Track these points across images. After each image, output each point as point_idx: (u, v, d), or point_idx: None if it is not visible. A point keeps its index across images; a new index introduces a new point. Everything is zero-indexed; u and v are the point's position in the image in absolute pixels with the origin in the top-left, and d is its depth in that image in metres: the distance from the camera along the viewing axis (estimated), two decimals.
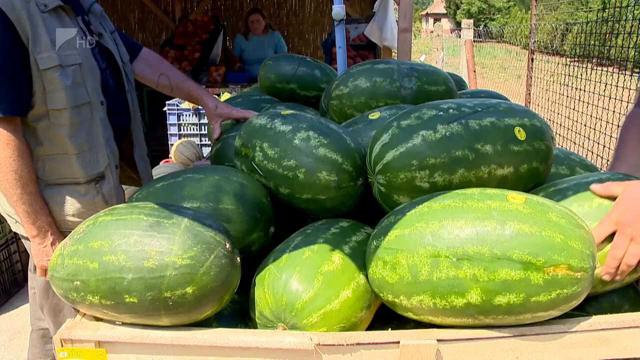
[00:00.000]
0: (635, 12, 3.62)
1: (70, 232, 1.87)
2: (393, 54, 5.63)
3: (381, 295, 1.21)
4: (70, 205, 1.91)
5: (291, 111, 1.68)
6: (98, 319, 1.27)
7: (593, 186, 1.32)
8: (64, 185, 1.90)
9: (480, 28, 10.49)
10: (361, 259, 1.31)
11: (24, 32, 1.72)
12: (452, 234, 1.13)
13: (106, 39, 2.06)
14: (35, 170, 1.84)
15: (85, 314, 1.28)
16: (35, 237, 1.87)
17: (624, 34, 3.87)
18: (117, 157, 2.05)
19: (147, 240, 1.17)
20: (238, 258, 1.26)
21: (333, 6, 2.84)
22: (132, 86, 2.20)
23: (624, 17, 3.85)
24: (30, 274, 2.17)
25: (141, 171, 2.26)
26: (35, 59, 1.74)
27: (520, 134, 1.39)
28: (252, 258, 1.48)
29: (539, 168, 1.42)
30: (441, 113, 1.40)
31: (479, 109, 1.41)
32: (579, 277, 1.09)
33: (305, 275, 1.23)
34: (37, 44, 1.75)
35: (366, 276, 1.28)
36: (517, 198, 1.18)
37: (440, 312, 1.14)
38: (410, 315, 1.20)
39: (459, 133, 1.35)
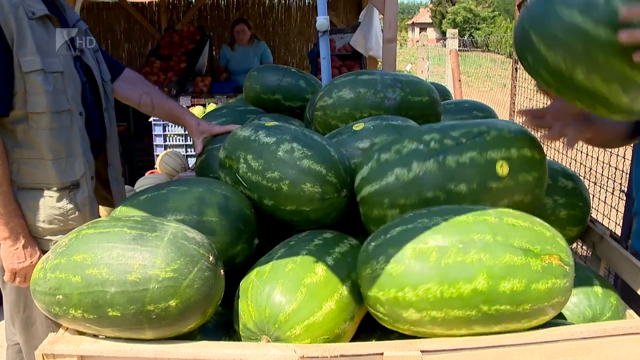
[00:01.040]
0: None
1: (41, 238, 1.93)
2: (379, 63, 5.66)
3: (381, 293, 1.18)
4: (42, 211, 1.90)
5: (275, 123, 1.69)
6: (81, 333, 1.26)
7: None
8: (37, 190, 1.89)
9: (465, 38, 10.57)
10: (344, 270, 1.31)
11: (9, 33, 1.75)
12: (457, 223, 1.19)
13: (87, 55, 2.09)
14: (10, 173, 1.84)
15: (67, 328, 1.27)
16: (6, 239, 1.85)
17: None
18: (93, 168, 2.05)
19: (130, 254, 1.17)
20: (222, 271, 1.26)
21: (317, 17, 2.86)
22: (110, 105, 2.22)
23: None
24: (3, 286, 2.14)
25: (114, 192, 2.26)
26: (19, 61, 1.76)
27: (502, 169, 1.38)
28: (235, 270, 1.48)
29: (524, 200, 1.41)
30: (421, 147, 1.41)
31: (464, 140, 1.41)
32: (567, 270, 1.18)
33: (288, 287, 1.23)
34: (22, 47, 1.77)
35: (350, 287, 1.28)
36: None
37: (446, 302, 1.13)
38: (410, 313, 1.16)
39: (432, 172, 1.38)
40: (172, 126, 5.49)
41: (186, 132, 5.40)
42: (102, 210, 2.37)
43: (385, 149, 1.46)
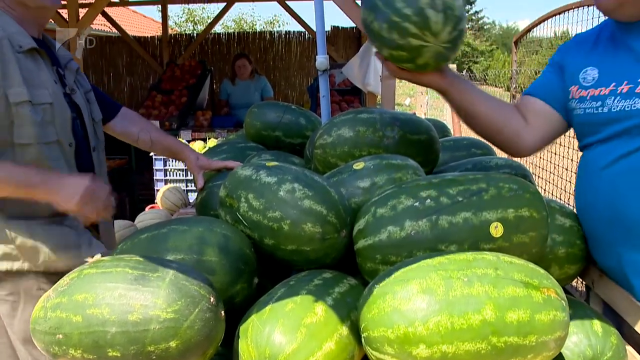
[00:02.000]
0: None
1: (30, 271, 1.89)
2: (378, 98, 5.72)
3: (390, 331, 1.16)
4: (32, 241, 1.87)
5: (276, 163, 1.71)
6: None
7: None
8: (27, 219, 1.87)
9: (464, 72, 10.69)
10: (344, 310, 1.32)
11: None
12: (458, 260, 1.22)
13: (78, 95, 2.09)
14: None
15: None
16: (40, 185, 1.75)
17: None
18: None
19: (131, 294, 1.17)
20: (222, 312, 1.27)
21: (317, 56, 2.90)
22: (100, 146, 2.22)
23: None
24: (6, 322, 2.02)
25: (102, 232, 2.23)
26: (5, 92, 1.77)
27: (497, 231, 1.40)
28: (235, 309, 1.48)
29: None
30: (417, 204, 1.44)
31: (460, 198, 1.43)
32: (564, 304, 1.20)
33: (289, 327, 1.24)
34: (7, 78, 1.78)
35: (350, 327, 1.28)
36: None
37: (457, 334, 1.12)
38: (421, 349, 1.14)
39: (424, 232, 1.40)
40: (172, 161, 5.52)
41: (186, 167, 5.45)
42: None
43: (382, 203, 1.49)
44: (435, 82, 1.79)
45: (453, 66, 9.14)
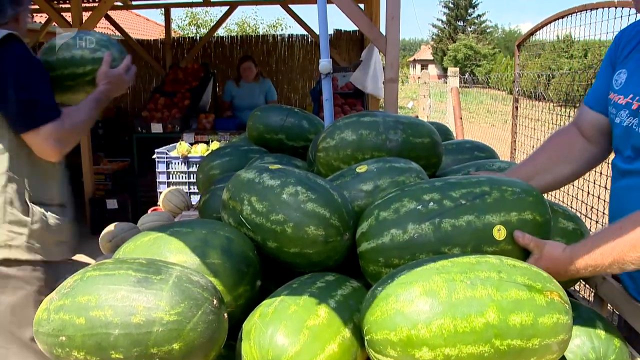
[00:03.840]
0: None
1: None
2: (380, 101, 5.73)
3: (393, 334, 1.16)
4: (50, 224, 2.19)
5: (279, 166, 1.71)
6: None
7: (516, 232, 1.41)
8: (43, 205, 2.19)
9: (467, 75, 10.69)
10: (347, 312, 1.32)
11: None
12: (461, 263, 1.23)
13: None
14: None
15: None
16: (99, 98, 2.27)
17: None
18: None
19: (134, 296, 1.18)
20: (225, 314, 1.27)
21: (320, 60, 2.90)
22: None
23: None
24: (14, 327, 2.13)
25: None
26: None
27: (500, 234, 1.41)
28: (238, 311, 1.48)
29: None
30: (419, 207, 1.44)
31: (463, 201, 1.43)
32: (567, 308, 1.20)
33: (291, 329, 1.24)
34: None
35: (352, 329, 1.28)
36: None
37: (460, 337, 1.12)
38: (424, 352, 1.14)
39: (427, 235, 1.41)
40: (175, 163, 5.52)
41: (189, 170, 5.45)
42: None
43: (385, 206, 1.49)
44: None
45: (456, 69, 9.14)
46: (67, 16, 5.92)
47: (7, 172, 2.08)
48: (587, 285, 1.92)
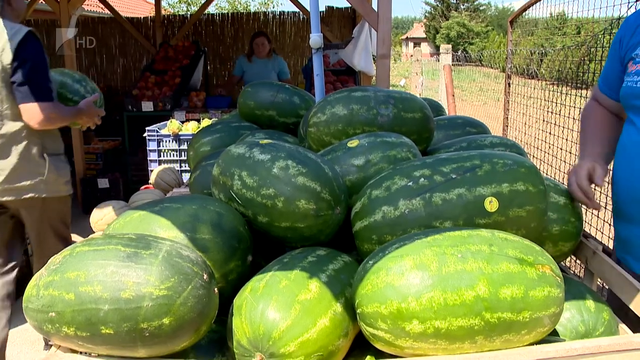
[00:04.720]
0: (605, 41, 3.70)
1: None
2: (373, 79, 5.70)
3: (383, 307, 1.17)
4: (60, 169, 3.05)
5: (269, 140, 1.70)
6: (73, 351, 1.26)
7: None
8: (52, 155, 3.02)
9: (459, 52, 10.63)
10: (338, 287, 1.32)
11: None
12: (452, 237, 1.23)
13: None
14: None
15: (60, 346, 1.27)
16: (76, 115, 3.05)
17: (596, 60, 3.96)
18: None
19: (124, 271, 1.17)
20: (215, 289, 1.26)
21: (311, 35, 2.87)
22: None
23: (597, 44, 3.93)
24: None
25: None
26: None
27: (492, 205, 1.40)
28: (229, 286, 1.48)
29: (517, 234, 1.40)
30: (410, 183, 1.45)
31: (453, 176, 1.43)
32: (559, 281, 1.21)
33: (282, 304, 1.24)
34: None
35: (344, 304, 1.28)
36: None
37: (450, 310, 1.13)
38: (414, 325, 1.14)
39: (418, 210, 1.42)
40: (166, 141, 5.49)
41: (180, 147, 5.43)
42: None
43: (377, 185, 1.50)
44: None
45: (448, 46, 9.09)
46: None
47: (27, 135, 2.87)
48: (577, 261, 1.93)
